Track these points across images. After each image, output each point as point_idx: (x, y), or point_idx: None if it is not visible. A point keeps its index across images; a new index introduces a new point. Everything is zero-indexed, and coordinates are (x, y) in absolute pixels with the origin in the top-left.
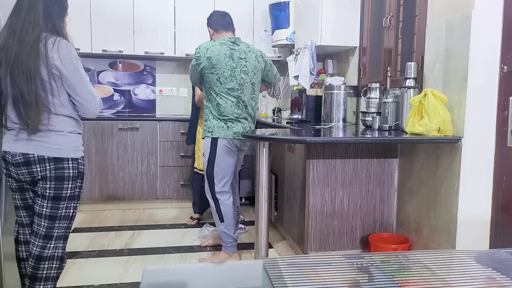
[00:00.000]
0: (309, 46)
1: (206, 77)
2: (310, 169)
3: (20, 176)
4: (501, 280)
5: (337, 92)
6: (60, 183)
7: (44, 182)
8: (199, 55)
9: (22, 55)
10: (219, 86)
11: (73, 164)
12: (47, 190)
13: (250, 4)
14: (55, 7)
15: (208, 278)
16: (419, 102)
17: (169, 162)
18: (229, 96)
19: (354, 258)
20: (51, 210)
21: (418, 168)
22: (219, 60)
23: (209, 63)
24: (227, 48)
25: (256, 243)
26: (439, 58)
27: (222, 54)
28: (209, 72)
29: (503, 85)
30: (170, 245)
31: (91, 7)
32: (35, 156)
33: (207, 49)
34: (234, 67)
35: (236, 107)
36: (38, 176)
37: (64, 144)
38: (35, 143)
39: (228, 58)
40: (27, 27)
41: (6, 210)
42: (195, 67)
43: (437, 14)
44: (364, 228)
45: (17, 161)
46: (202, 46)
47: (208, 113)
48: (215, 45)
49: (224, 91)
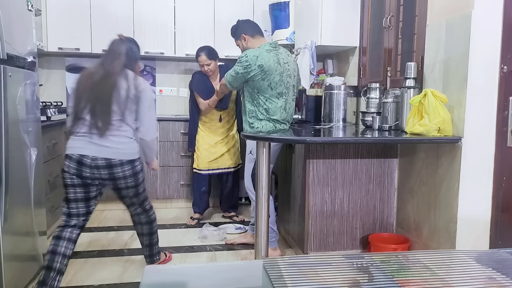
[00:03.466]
0: (309, 46)
1: (256, 83)
2: (310, 169)
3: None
4: (501, 280)
5: (337, 92)
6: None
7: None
8: (248, 63)
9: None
10: (270, 91)
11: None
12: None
13: (250, 4)
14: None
15: (208, 278)
16: (419, 102)
17: (169, 162)
18: (278, 100)
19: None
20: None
21: (418, 168)
22: (271, 67)
23: (260, 71)
24: (273, 55)
25: (256, 243)
26: (439, 58)
27: (272, 61)
28: (260, 79)
29: (503, 85)
30: (170, 245)
31: (91, 7)
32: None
33: (257, 57)
34: (281, 72)
35: (284, 110)
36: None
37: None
38: None
39: (276, 64)
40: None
41: (6, 210)
42: (243, 75)
43: (437, 14)
44: (364, 228)
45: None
46: (250, 54)
47: (253, 116)
48: (262, 52)
49: (274, 96)
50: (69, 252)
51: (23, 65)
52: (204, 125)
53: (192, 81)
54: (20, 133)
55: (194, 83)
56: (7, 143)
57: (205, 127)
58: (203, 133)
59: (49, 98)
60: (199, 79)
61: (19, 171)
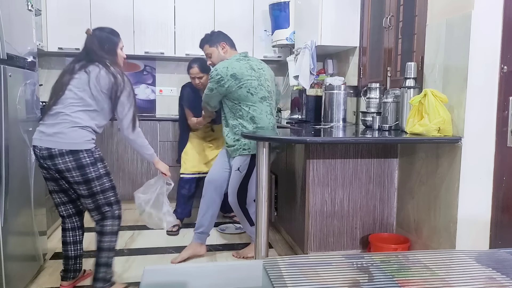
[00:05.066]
0: (309, 46)
1: (234, 93)
2: (310, 169)
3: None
4: (501, 280)
5: (337, 92)
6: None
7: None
8: (220, 76)
9: None
10: (251, 98)
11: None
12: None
13: (250, 4)
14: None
15: (208, 278)
16: (419, 102)
17: (169, 162)
18: (263, 105)
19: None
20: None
21: (418, 168)
22: (243, 73)
23: (234, 79)
24: (244, 63)
25: (256, 243)
26: (439, 58)
27: (243, 68)
28: (237, 88)
29: (503, 85)
30: (170, 245)
31: (91, 7)
32: None
33: (227, 68)
34: (258, 76)
35: (271, 115)
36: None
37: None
38: None
39: (250, 70)
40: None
41: (6, 210)
42: (218, 90)
43: (437, 14)
44: (364, 228)
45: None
46: (219, 67)
47: (237, 130)
48: (232, 62)
49: (257, 101)
50: (80, 251)
51: (23, 65)
52: (195, 132)
53: (182, 96)
54: (20, 133)
55: (185, 98)
56: (7, 143)
57: (195, 134)
58: (192, 138)
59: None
60: (190, 94)
61: (19, 171)
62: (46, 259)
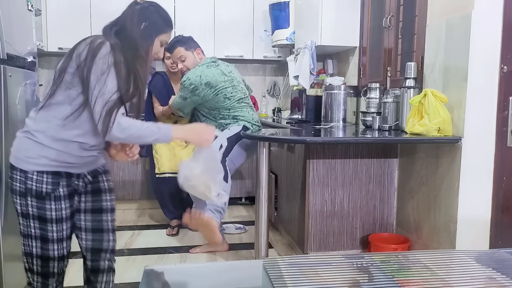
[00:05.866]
0: (309, 46)
1: (211, 102)
2: (310, 169)
3: None
4: (501, 280)
5: (337, 92)
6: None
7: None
8: (194, 85)
9: None
10: (229, 102)
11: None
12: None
13: (250, 4)
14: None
15: (208, 278)
16: (419, 102)
17: None
18: (241, 105)
19: (354, 258)
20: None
21: (418, 168)
22: (217, 80)
23: (209, 88)
24: (214, 69)
25: (256, 243)
26: (439, 58)
27: (216, 75)
28: (213, 96)
29: (503, 85)
30: (170, 245)
31: (91, 7)
32: None
33: (200, 76)
34: (231, 80)
35: (253, 111)
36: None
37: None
38: None
39: (222, 76)
40: None
41: (6, 210)
42: (193, 99)
43: (437, 14)
44: (364, 228)
45: None
46: (191, 76)
47: (224, 129)
48: (203, 70)
49: (235, 104)
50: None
51: (23, 65)
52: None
53: (152, 81)
54: None
55: (154, 85)
56: (7, 143)
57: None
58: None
59: None
60: (160, 81)
61: None
62: None
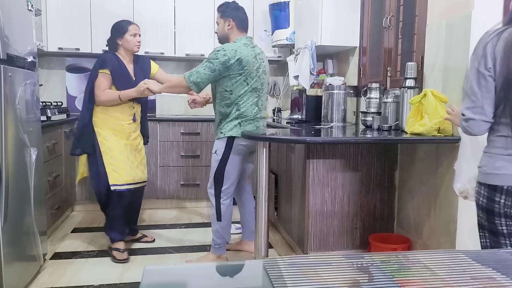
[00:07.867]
0: (309, 46)
1: (232, 79)
2: (310, 169)
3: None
4: (501, 280)
5: (337, 92)
6: None
7: None
8: (227, 57)
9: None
10: (245, 87)
11: None
12: None
13: (250, 4)
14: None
15: (208, 278)
16: (419, 102)
17: (169, 162)
18: (252, 96)
19: (354, 258)
20: None
21: (418, 168)
22: (249, 61)
23: (239, 64)
24: (250, 49)
25: (256, 243)
26: (439, 58)
27: (249, 55)
28: (236, 74)
29: None
30: (170, 245)
31: (91, 7)
32: None
33: (235, 51)
34: (258, 67)
35: (256, 106)
36: None
37: None
38: None
39: (253, 59)
40: None
41: (6, 210)
42: (220, 72)
43: (437, 14)
44: (364, 228)
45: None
46: (228, 48)
47: (225, 116)
48: (240, 46)
49: (248, 92)
50: None
51: (23, 65)
52: (112, 126)
53: (104, 60)
54: (20, 133)
55: (109, 63)
56: (7, 143)
57: (112, 129)
58: (113, 137)
59: (49, 98)
60: (114, 60)
61: (19, 171)
62: (46, 259)
